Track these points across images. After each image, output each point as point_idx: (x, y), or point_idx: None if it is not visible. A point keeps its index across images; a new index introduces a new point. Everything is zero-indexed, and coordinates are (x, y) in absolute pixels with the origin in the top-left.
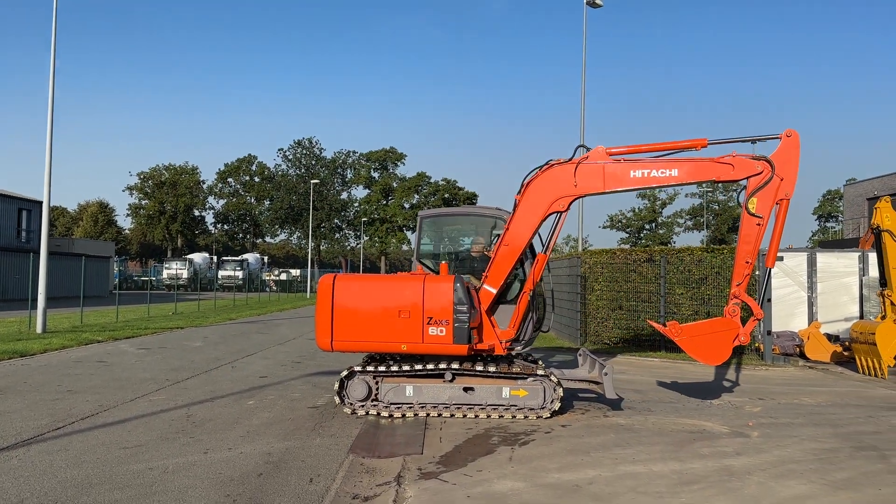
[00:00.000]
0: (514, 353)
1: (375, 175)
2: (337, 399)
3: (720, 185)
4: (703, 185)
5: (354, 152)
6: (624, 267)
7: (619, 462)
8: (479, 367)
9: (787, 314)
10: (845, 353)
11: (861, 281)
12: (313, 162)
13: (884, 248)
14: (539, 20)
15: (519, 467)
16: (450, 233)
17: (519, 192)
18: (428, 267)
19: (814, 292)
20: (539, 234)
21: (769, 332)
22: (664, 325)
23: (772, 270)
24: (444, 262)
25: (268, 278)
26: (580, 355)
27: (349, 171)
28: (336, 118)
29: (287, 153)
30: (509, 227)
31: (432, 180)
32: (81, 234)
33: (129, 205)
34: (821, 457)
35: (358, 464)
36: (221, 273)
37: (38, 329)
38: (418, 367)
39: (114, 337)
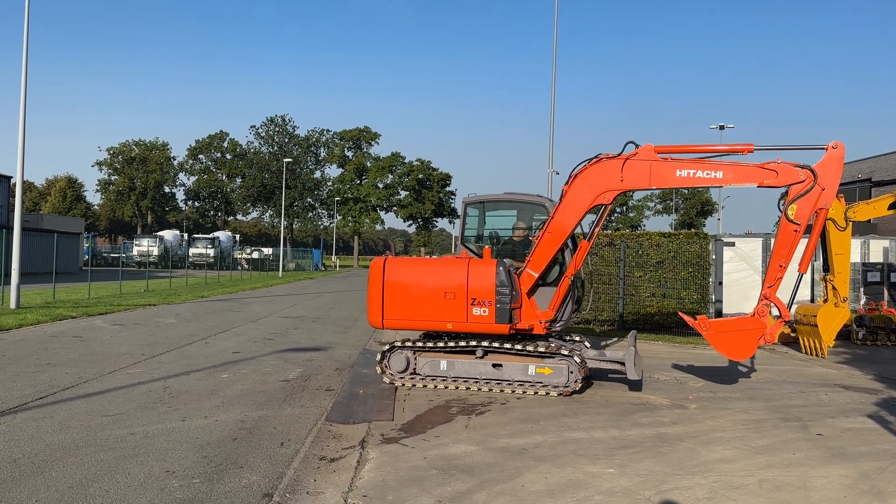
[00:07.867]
0: (552, 332)
1: (349, 154)
2: (379, 370)
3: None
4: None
5: (328, 130)
6: None
7: (565, 429)
8: (507, 345)
9: (742, 297)
10: (792, 335)
11: (812, 266)
12: (286, 140)
13: (827, 237)
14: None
15: (473, 433)
16: (492, 218)
17: (567, 182)
18: (472, 250)
19: None
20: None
21: (720, 314)
22: (696, 317)
23: (803, 275)
24: (486, 246)
25: (240, 256)
26: (631, 336)
27: (322, 149)
28: (309, 96)
29: (259, 130)
30: (555, 215)
31: (406, 160)
32: (49, 210)
33: (99, 180)
34: (748, 426)
35: (326, 430)
36: (192, 251)
37: (12, 305)
38: (451, 343)
39: (87, 313)
